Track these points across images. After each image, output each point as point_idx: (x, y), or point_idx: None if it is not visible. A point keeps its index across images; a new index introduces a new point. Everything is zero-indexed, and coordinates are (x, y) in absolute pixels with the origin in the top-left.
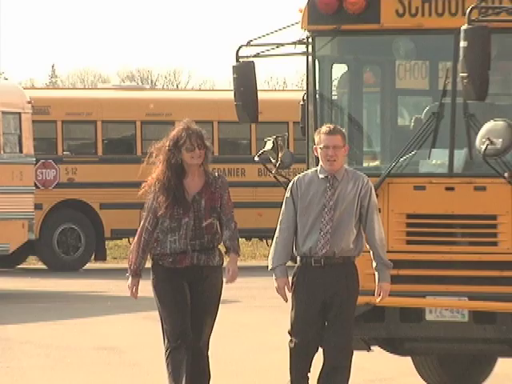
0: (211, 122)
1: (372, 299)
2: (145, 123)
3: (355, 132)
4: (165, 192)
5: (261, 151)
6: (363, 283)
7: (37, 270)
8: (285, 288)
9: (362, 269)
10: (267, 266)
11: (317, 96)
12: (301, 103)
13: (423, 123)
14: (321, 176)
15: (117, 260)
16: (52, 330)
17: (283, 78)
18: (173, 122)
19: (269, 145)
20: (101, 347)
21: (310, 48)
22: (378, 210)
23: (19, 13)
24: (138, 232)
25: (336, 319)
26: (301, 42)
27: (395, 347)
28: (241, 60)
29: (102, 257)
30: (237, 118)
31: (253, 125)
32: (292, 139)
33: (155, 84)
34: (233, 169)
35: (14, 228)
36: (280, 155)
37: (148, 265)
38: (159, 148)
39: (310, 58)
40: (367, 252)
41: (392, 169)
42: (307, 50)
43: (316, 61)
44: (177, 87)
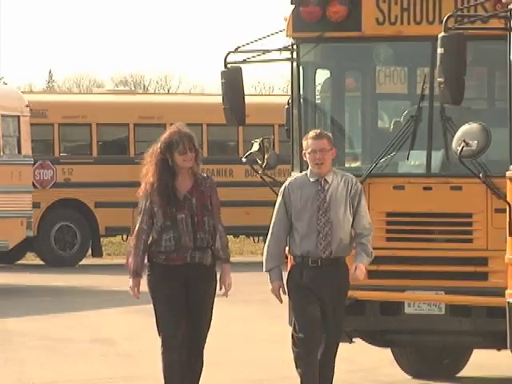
0: (200, 125)
1: (354, 293)
2: (137, 126)
3: (337, 134)
4: (158, 192)
5: (248, 153)
6: None
7: (35, 266)
8: (279, 290)
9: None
10: (254, 262)
11: (301, 100)
12: (286, 107)
13: (402, 126)
14: (312, 179)
15: (111, 256)
16: (49, 323)
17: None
18: (164, 125)
19: (255, 146)
20: (96, 339)
21: (295, 54)
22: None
23: (19, 21)
24: (135, 234)
25: (328, 317)
26: (286, 49)
27: (376, 339)
28: (229, 66)
29: (98, 253)
30: (225, 121)
31: (240, 127)
32: (277, 141)
33: (147, 88)
34: (221, 169)
35: (13, 225)
36: (266, 156)
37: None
38: (151, 153)
39: (295, 64)
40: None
41: (372, 169)
42: (292, 57)
43: (300, 67)
44: (168, 91)
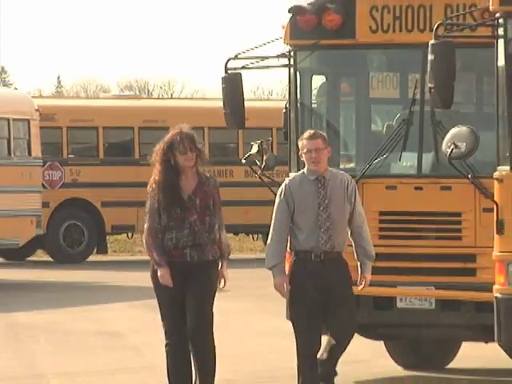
0: (202, 128)
1: None
2: (142, 129)
3: (332, 137)
4: (163, 192)
5: (247, 154)
6: None
7: (44, 262)
8: (283, 285)
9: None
10: (253, 259)
11: (298, 104)
12: (283, 111)
13: (394, 129)
14: (311, 178)
15: (117, 253)
16: (58, 317)
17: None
18: (167, 128)
19: (254, 148)
20: (102, 332)
21: (292, 61)
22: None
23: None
24: (149, 233)
25: (339, 308)
26: (283, 56)
27: (369, 332)
28: (229, 72)
29: (104, 250)
30: (225, 124)
31: (240, 130)
32: (275, 143)
33: (151, 93)
34: (222, 170)
35: (24, 224)
36: (265, 158)
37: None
38: (156, 151)
39: (292, 70)
40: (350, 245)
41: (366, 170)
42: (289, 63)
43: (297, 72)
44: (171, 96)
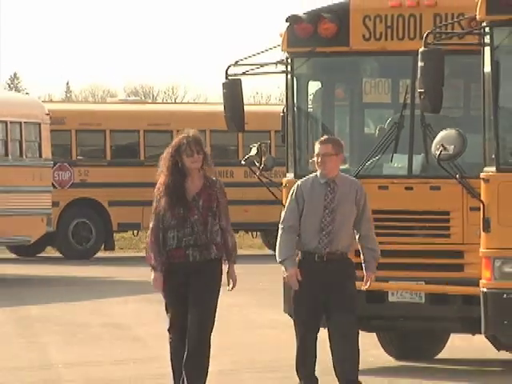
0: (204, 131)
1: None
2: (147, 132)
3: None
4: (168, 193)
5: (247, 156)
6: None
7: (54, 258)
8: (295, 277)
9: None
10: (252, 255)
11: (295, 109)
12: (281, 115)
13: (386, 132)
14: (321, 181)
15: (123, 250)
16: (67, 310)
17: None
18: (171, 131)
19: (254, 150)
20: (109, 324)
21: (289, 67)
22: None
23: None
24: (153, 233)
25: (339, 303)
26: (281, 62)
27: (362, 324)
28: (229, 78)
29: (111, 247)
30: (226, 128)
31: (240, 133)
32: (274, 146)
33: (156, 98)
34: (223, 171)
35: (35, 222)
36: (263, 159)
37: None
38: (164, 156)
39: (289, 76)
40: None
41: (359, 171)
42: (287, 69)
43: (294, 78)
44: (174, 101)
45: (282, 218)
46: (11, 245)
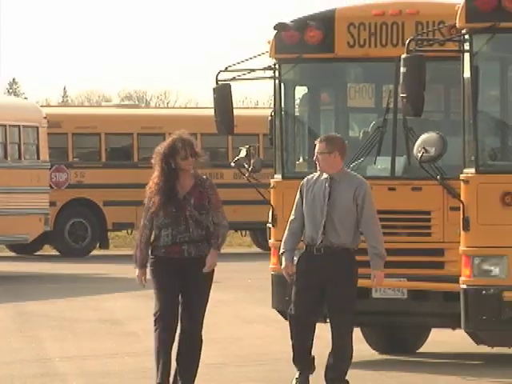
0: (195, 134)
1: None
2: (140, 135)
3: (313, 143)
4: (160, 193)
5: (236, 158)
6: None
7: (51, 256)
8: (288, 269)
9: None
10: (242, 253)
11: (282, 113)
12: (269, 118)
13: (370, 135)
14: (322, 177)
15: (117, 248)
16: (64, 306)
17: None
18: (164, 134)
19: (243, 153)
20: (105, 320)
21: (277, 73)
22: (375, 209)
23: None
24: (140, 229)
25: (333, 298)
26: (269, 68)
27: None
28: (219, 83)
29: (106, 245)
30: (216, 131)
31: (229, 136)
32: (262, 148)
33: (149, 102)
34: (213, 173)
35: (33, 221)
36: (252, 161)
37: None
38: (157, 154)
39: (277, 82)
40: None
41: None
42: (274, 75)
43: (281, 83)
44: (167, 105)
45: (292, 213)
46: (10, 243)
